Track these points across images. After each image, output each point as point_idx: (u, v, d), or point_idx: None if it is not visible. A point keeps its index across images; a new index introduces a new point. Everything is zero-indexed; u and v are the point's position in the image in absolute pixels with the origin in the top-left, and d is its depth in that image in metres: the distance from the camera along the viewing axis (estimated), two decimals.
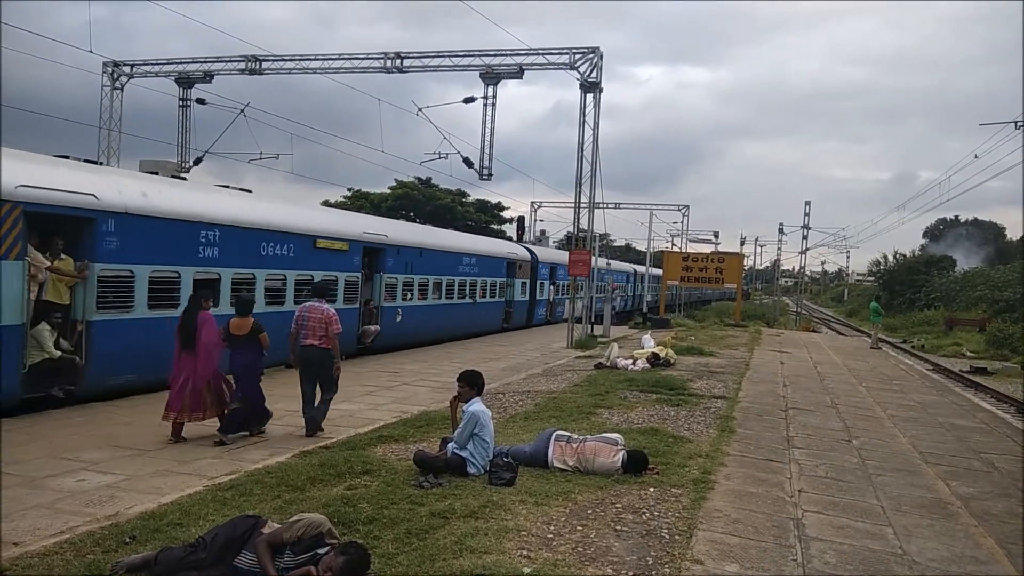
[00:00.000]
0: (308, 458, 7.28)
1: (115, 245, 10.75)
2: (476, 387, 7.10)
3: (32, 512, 5.81)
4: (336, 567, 4.09)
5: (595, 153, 21.43)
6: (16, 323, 9.34)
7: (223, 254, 12.87)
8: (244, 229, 13.42)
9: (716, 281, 37.18)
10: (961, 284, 49.20)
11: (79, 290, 10.39)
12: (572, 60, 21.10)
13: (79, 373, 10.32)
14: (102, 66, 25.51)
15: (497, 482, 6.35)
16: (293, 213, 15.87)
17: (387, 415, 10.16)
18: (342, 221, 18.50)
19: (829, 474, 7.58)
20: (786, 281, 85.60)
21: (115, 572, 4.35)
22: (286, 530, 4.34)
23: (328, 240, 15.97)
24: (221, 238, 12.81)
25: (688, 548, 5.11)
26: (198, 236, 12.37)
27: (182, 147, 26.26)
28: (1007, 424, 12.08)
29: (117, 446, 8.06)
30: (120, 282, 10.94)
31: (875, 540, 5.63)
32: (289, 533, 4.31)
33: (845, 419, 10.87)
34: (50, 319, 9.96)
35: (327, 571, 4.10)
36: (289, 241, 14.70)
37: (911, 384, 16.33)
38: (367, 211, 36.63)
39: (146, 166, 15.50)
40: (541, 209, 53.88)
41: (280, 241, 14.46)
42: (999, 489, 7.51)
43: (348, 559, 4.13)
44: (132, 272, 11.11)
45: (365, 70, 23.27)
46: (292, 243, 14.78)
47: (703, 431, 9.15)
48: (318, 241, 15.61)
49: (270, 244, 14.22)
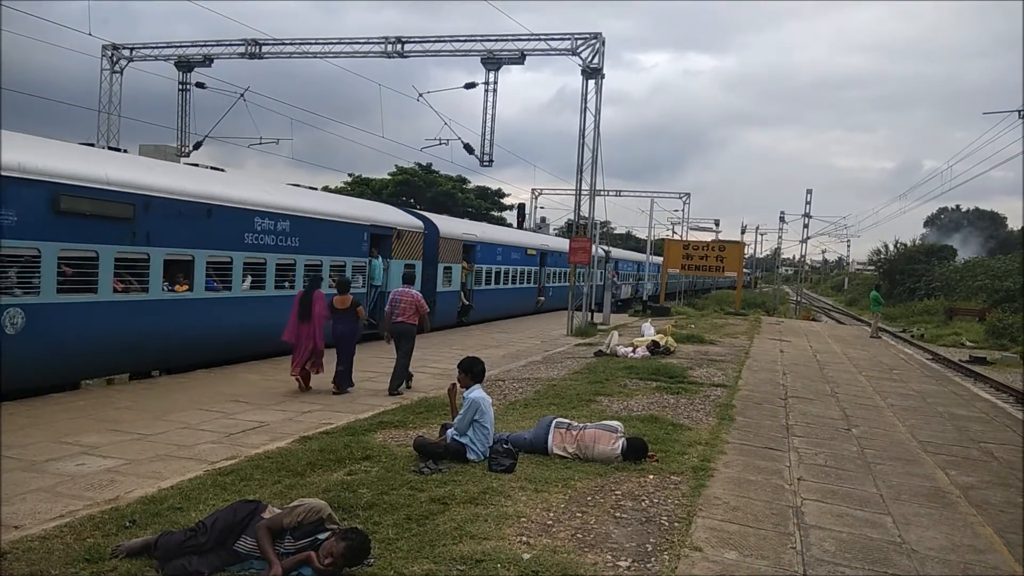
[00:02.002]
0: (308, 443, 7.30)
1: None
2: (476, 374, 7.11)
3: (32, 496, 5.81)
4: (337, 552, 4.09)
5: (596, 140, 21.36)
6: None
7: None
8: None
9: (717, 269, 37.18)
10: (961, 274, 49.22)
11: None
12: (574, 45, 20.98)
13: None
14: (101, 49, 25.38)
15: (497, 468, 6.36)
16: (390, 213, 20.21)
17: (387, 401, 10.17)
18: (459, 223, 25.05)
19: (828, 462, 7.59)
20: (786, 270, 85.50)
21: (115, 556, 4.35)
22: (286, 515, 4.34)
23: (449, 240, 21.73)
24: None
25: (687, 535, 5.11)
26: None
27: (181, 131, 26.18)
28: (1006, 414, 12.11)
29: (117, 430, 8.07)
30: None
31: (874, 528, 5.64)
32: (289, 518, 4.31)
33: (844, 408, 10.89)
34: None
35: (328, 557, 4.10)
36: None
37: (910, 373, 16.34)
38: (368, 197, 36.52)
39: (146, 150, 15.44)
40: (542, 196, 53.87)
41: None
42: (998, 479, 7.52)
43: (349, 544, 4.13)
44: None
45: (366, 55, 23.14)
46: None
47: (703, 419, 9.16)
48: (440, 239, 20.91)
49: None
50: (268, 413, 9.27)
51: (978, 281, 43.79)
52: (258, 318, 13.43)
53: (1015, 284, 38.43)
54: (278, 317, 11.70)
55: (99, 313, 10.52)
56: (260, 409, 9.49)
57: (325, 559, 4.10)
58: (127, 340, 11.08)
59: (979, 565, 5.07)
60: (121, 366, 11.55)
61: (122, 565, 4.27)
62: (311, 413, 9.38)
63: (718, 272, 38.33)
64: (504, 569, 4.29)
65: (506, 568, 4.31)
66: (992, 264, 47.59)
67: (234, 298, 13.19)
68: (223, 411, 9.21)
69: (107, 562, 4.30)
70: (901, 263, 57.81)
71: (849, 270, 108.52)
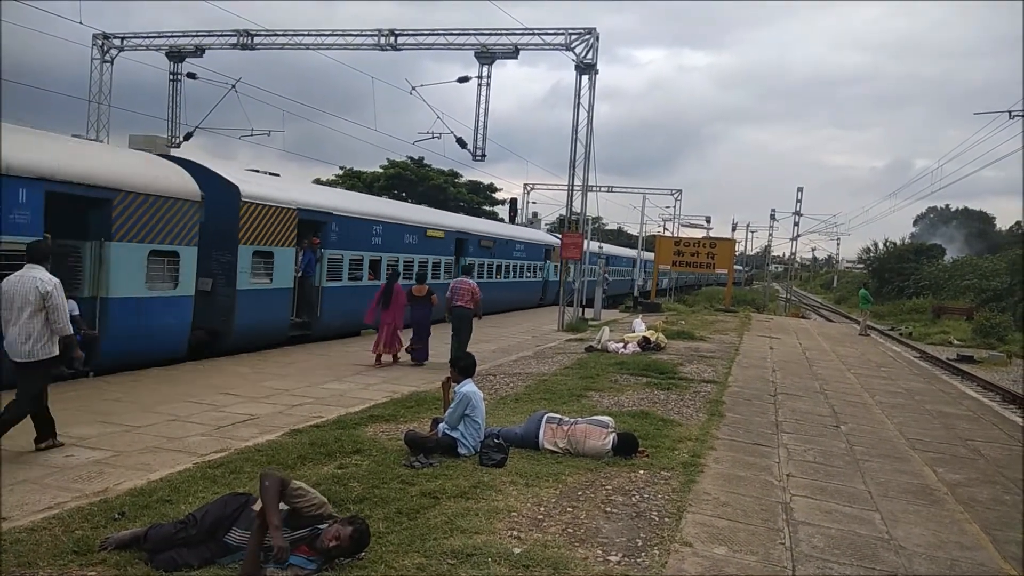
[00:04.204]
0: (298, 436, 7.27)
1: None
2: (467, 369, 7.11)
3: (20, 487, 5.76)
4: (344, 536, 4.16)
5: (589, 136, 21.34)
6: None
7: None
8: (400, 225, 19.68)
9: (707, 266, 37.23)
10: (950, 273, 49.52)
11: None
12: (568, 41, 20.92)
13: None
14: (92, 38, 25.14)
15: (488, 463, 6.36)
16: (411, 210, 22.70)
17: (378, 395, 10.15)
18: (444, 218, 25.17)
19: (817, 459, 7.63)
20: (776, 267, 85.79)
21: (104, 548, 4.33)
22: (296, 491, 4.25)
23: (434, 230, 21.85)
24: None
25: (677, 530, 5.13)
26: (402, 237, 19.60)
27: (172, 122, 25.97)
28: (993, 412, 12.21)
29: (106, 422, 8.02)
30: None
31: (862, 525, 5.68)
32: (304, 500, 4.26)
33: (833, 405, 10.95)
34: None
35: (334, 540, 4.14)
36: (414, 232, 20.41)
37: (899, 371, 16.45)
38: (359, 190, 36.42)
39: (136, 141, 15.29)
40: (534, 191, 53.74)
41: (408, 232, 20.06)
42: (985, 476, 7.58)
43: (356, 528, 4.22)
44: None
45: (359, 47, 22.99)
46: (415, 233, 20.45)
47: (693, 415, 9.19)
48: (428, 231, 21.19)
49: (405, 235, 19.90)
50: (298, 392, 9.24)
51: (966, 280, 44.08)
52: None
53: (1002, 284, 38.68)
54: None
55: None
56: (302, 389, 9.44)
57: (331, 542, 4.14)
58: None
59: (966, 562, 5.11)
60: None
61: (111, 557, 4.25)
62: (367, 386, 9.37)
63: (709, 269, 38.41)
64: (495, 563, 4.30)
65: (497, 562, 4.31)
66: (980, 263, 47.89)
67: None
68: (213, 404, 9.17)
69: (96, 554, 4.28)
70: (890, 261, 58.09)
71: (838, 268, 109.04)
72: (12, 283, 6.59)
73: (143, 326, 11.26)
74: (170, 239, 11.70)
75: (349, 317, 16.45)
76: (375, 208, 19.26)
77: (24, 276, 6.60)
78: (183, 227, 11.92)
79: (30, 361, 6.51)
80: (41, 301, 6.49)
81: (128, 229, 10.91)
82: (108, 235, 10.61)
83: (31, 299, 6.47)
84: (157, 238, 11.44)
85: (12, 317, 6.49)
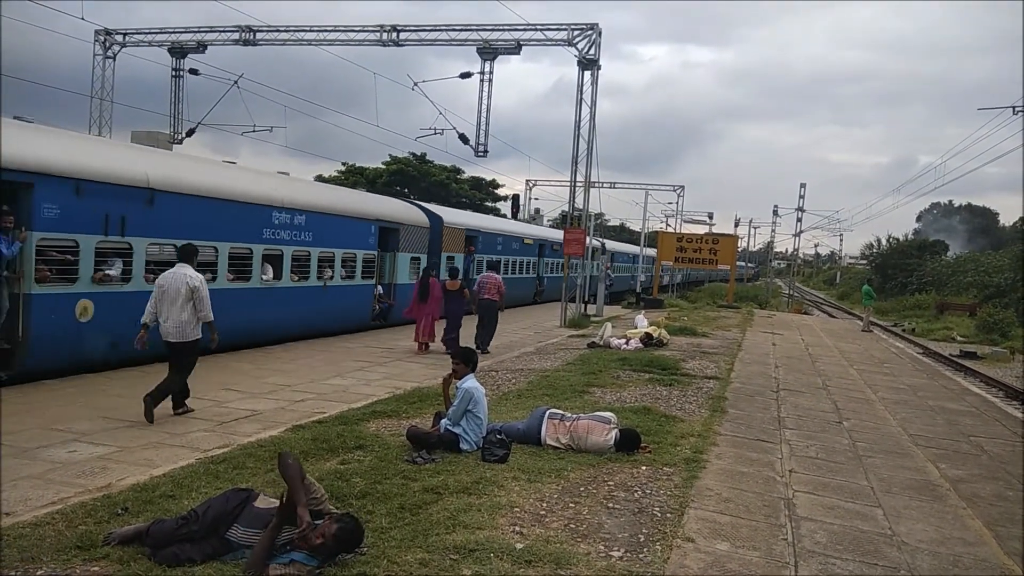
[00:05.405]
0: (301, 432, 7.28)
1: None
2: (470, 364, 7.11)
3: (23, 482, 5.78)
4: (329, 534, 4.13)
5: (592, 132, 21.31)
6: None
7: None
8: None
9: (710, 262, 37.16)
10: (952, 269, 49.40)
11: None
12: (570, 36, 20.87)
13: None
14: (94, 34, 25.14)
15: (490, 459, 6.36)
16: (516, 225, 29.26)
17: (380, 390, 10.16)
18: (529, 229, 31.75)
19: (820, 455, 7.62)
20: (779, 263, 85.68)
21: (107, 543, 4.34)
22: (311, 482, 4.39)
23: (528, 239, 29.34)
24: None
25: (680, 526, 5.13)
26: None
27: (174, 118, 25.96)
28: (996, 408, 12.18)
29: (109, 417, 8.04)
30: None
31: (865, 521, 5.67)
32: (314, 492, 4.35)
33: (836, 401, 10.93)
34: None
35: (319, 537, 4.13)
36: (518, 240, 27.34)
37: (902, 367, 16.42)
38: (362, 187, 36.39)
39: (138, 137, 15.31)
40: (536, 188, 53.72)
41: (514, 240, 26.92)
42: (988, 472, 7.57)
43: (342, 527, 4.17)
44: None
45: (361, 43, 22.96)
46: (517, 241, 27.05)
47: (695, 411, 9.19)
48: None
49: (512, 242, 26.23)
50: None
51: (969, 276, 43.98)
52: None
53: (1006, 280, 38.58)
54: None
55: None
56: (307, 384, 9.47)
57: (318, 539, 4.13)
58: None
59: (969, 557, 5.11)
60: None
61: (114, 552, 4.25)
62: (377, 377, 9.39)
63: (711, 265, 38.35)
64: (497, 558, 4.30)
65: (499, 557, 4.32)
66: (983, 259, 47.76)
67: None
68: (215, 399, 9.18)
69: (99, 549, 4.29)
70: (893, 257, 57.99)
71: (841, 264, 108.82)
72: (167, 279, 8.01)
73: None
74: (416, 249, 20.12)
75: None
76: (501, 225, 28.86)
77: (176, 273, 8.03)
78: (421, 243, 20.39)
79: (184, 342, 7.97)
80: (190, 293, 7.91)
81: (404, 245, 19.46)
82: (397, 249, 19.08)
83: (182, 292, 7.90)
84: (412, 249, 19.94)
85: (167, 307, 7.90)
